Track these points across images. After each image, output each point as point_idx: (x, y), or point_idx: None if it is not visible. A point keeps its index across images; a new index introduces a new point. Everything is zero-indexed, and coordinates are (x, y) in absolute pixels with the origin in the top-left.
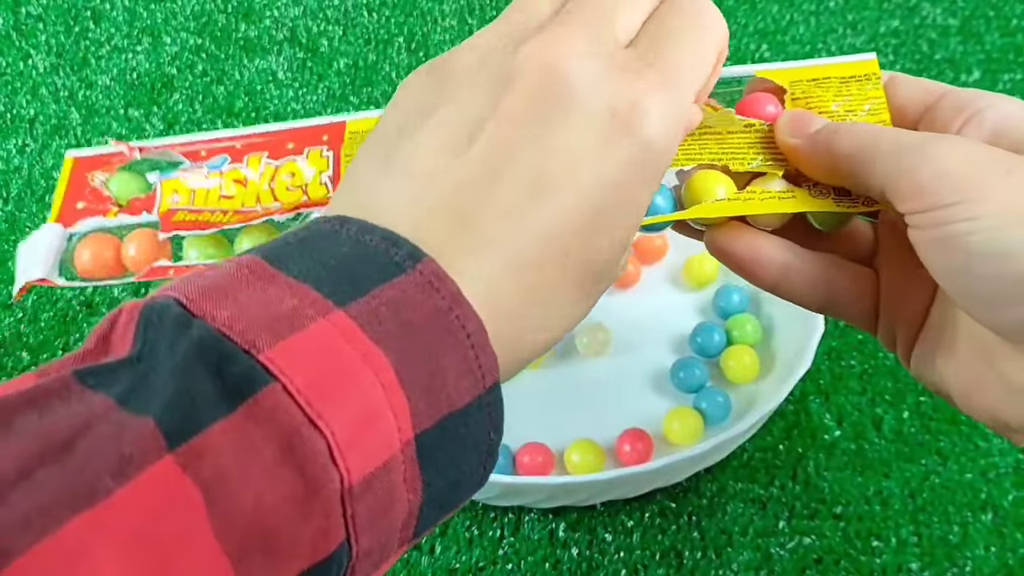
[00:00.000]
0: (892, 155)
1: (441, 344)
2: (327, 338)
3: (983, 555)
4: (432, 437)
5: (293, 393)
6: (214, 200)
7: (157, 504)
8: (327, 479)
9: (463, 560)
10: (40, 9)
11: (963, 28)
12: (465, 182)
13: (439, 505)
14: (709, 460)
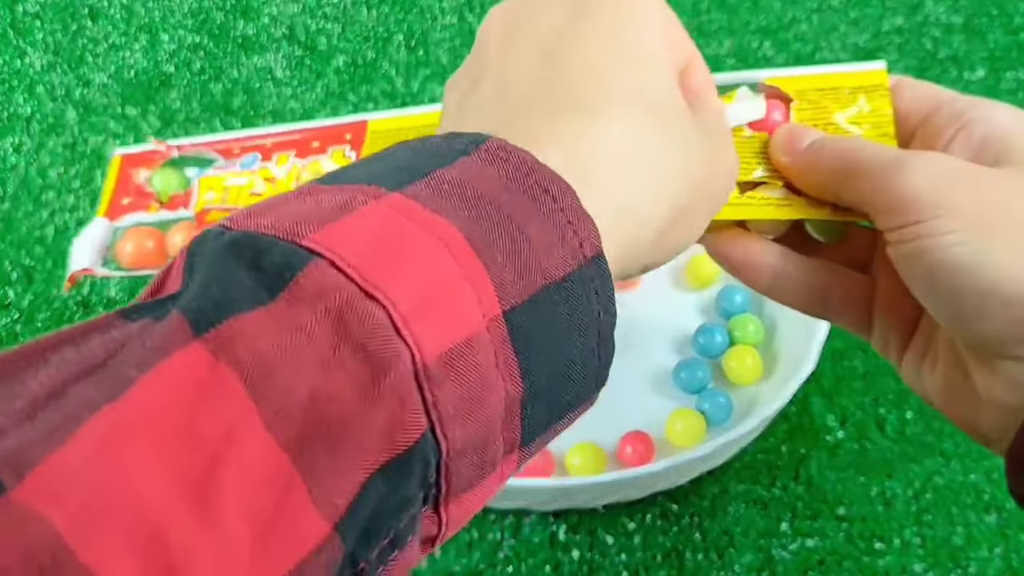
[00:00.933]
0: (870, 172)
1: (521, 208)
2: (381, 216)
3: (987, 556)
4: (525, 314)
5: (342, 267)
6: (245, 197)
7: (189, 393)
8: (393, 355)
9: (463, 563)
10: (37, 7)
11: (966, 26)
12: (547, 81)
13: (547, 406)
14: (711, 462)
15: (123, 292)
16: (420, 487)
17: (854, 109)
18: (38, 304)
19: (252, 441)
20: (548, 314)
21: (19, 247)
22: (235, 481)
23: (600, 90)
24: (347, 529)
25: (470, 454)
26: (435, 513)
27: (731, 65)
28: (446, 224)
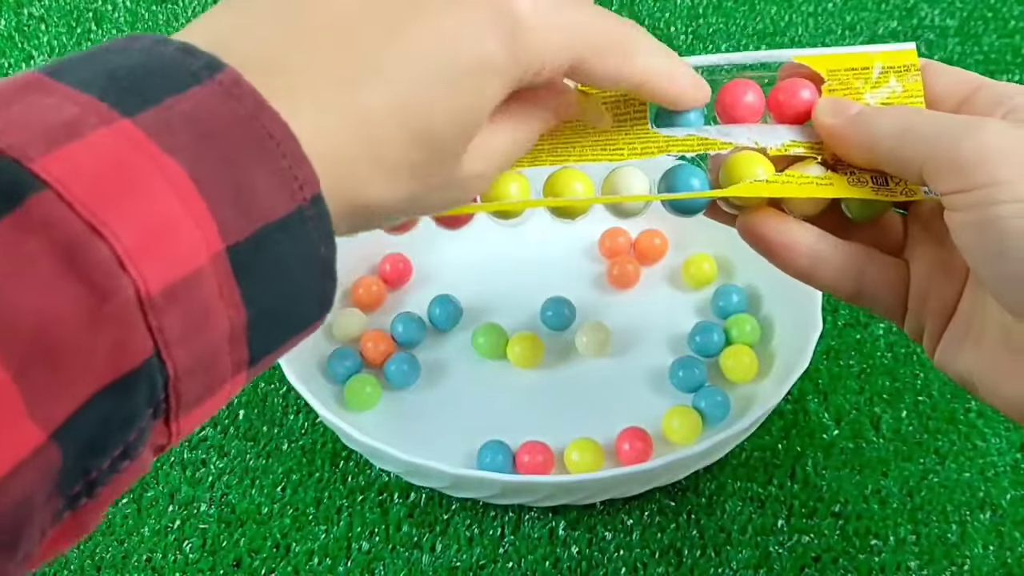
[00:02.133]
0: (933, 134)
1: (246, 153)
2: (111, 146)
3: (981, 554)
4: (247, 250)
5: (70, 201)
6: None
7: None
8: (116, 287)
9: (463, 558)
10: (42, 10)
11: (961, 29)
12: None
13: (272, 330)
14: (708, 459)
15: None
16: (148, 404)
17: (885, 90)
18: None
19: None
20: (270, 250)
21: None
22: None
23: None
24: (66, 439)
25: (197, 374)
26: (166, 427)
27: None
28: (175, 167)
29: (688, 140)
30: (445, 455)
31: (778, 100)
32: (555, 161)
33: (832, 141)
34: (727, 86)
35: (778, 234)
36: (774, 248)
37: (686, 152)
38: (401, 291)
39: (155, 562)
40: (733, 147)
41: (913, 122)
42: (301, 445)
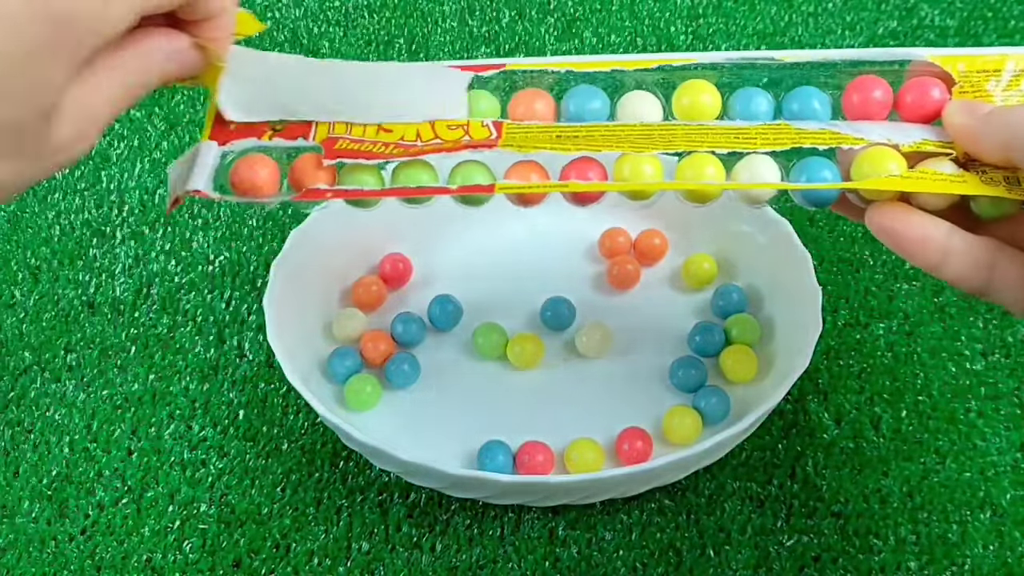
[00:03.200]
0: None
1: None
2: None
3: (982, 554)
4: None
5: None
6: (372, 132)
7: None
8: None
9: (463, 558)
10: None
11: (961, 29)
12: None
13: None
14: (708, 459)
15: (129, 292)
16: None
17: (1016, 93)
18: (44, 304)
19: None
20: None
21: (25, 247)
22: None
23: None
24: None
25: None
26: None
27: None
28: None
29: (821, 133)
30: (445, 455)
31: (907, 99)
32: (689, 146)
33: (964, 140)
34: (855, 81)
35: (909, 228)
36: (905, 242)
37: (819, 144)
38: (401, 291)
39: (155, 562)
40: (866, 143)
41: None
42: (301, 445)
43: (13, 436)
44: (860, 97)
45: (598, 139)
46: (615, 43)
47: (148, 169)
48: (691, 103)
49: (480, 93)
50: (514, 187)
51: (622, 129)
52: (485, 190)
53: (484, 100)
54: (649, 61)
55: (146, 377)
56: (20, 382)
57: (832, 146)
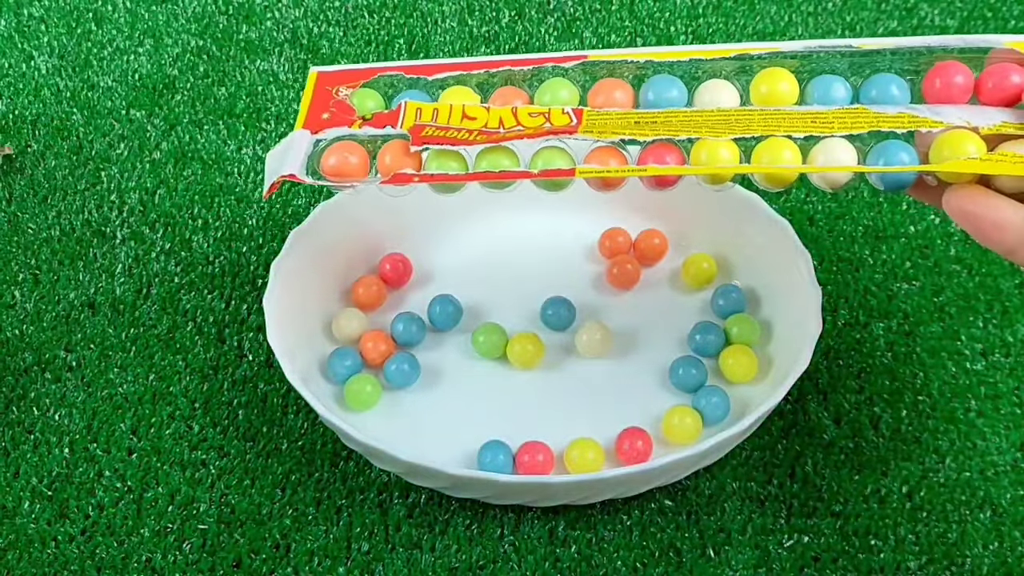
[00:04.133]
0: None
1: None
2: None
3: (981, 553)
4: None
5: None
6: (457, 119)
7: None
8: None
9: (463, 558)
10: (42, 11)
11: (961, 29)
12: None
13: None
14: (708, 459)
15: (129, 292)
16: None
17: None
18: (44, 304)
19: None
20: None
21: (25, 248)
22: None
23: None
24: None
25: None
26: None
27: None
28: None
29: (899, 117)
30: (445, 455)
31: (988, 84)
32: (766, 131)
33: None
34: (937, 67)
35: (988, 210)
36: (982, 225)
37: (897, 128)
38: (401, 291)
39: (155, 562)
40: (944, 126)
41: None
42: (301, 445)
43: (13, 436)
44: (942, 82)
45: (676, 124)
46: (615, 43)
47: (148, 169)
48: (769, 91)
49: (560, 82)
50: (593, 171)
51: (699, 115)
52: (566, 174)
53: (565, 88)
54: (728, 50)
55: (146, 377)
56: (20, 382)
57: (910, 129)
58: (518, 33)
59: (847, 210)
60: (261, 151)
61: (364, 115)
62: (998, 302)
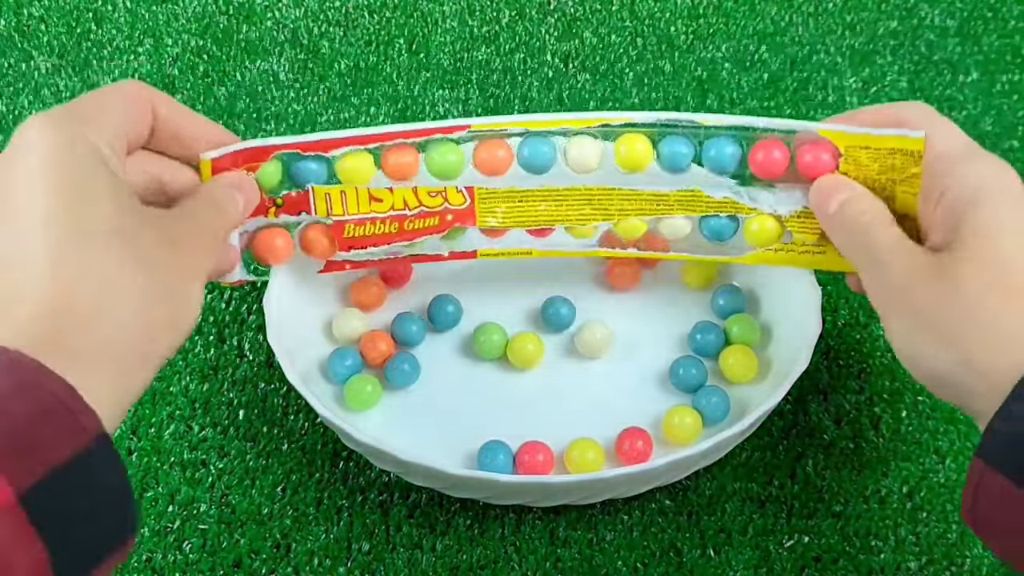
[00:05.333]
0: (862, 268)
1: (32, 413)
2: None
3: (981, 554)
4: (40, 495)
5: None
6: (365, 204)
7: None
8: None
9: (464, 559)
10: (42, 11)
11: (961, 29)
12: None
13: (79, 559)
14: (708, 459)
15: None
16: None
17: (890, 169)
18: None
19: None
20: (62, 490)
21: None
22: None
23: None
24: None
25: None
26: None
27: (727, 69)
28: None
29: (724, 202)
30: (445, 456)
31: (804, 161)
32: (607, 218)
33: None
34: (760, 144)
35: (855, 285)
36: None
37: (721, 212)
38: (401, 291)
39: (155, 562)
40: (755, 212)
41: (852, 248)
42: (301, 445)
43: None
44: (762, 158)
45: (551, 205)
46: (615, 43)
47: None
48: (628, 150)
49: (449, 147)
50: (492, 252)
51: (570, 193)
52: (469, 255)
53: (452, 152)
54: (591, 120)
55: None
56: None
57: (731, 213)
58: (518, 33)
59: None
60: None
61: (276, 201)
62: None
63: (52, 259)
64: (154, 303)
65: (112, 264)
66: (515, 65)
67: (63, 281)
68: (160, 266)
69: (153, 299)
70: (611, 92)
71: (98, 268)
